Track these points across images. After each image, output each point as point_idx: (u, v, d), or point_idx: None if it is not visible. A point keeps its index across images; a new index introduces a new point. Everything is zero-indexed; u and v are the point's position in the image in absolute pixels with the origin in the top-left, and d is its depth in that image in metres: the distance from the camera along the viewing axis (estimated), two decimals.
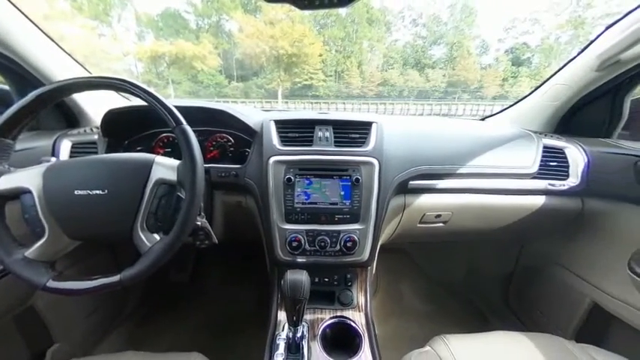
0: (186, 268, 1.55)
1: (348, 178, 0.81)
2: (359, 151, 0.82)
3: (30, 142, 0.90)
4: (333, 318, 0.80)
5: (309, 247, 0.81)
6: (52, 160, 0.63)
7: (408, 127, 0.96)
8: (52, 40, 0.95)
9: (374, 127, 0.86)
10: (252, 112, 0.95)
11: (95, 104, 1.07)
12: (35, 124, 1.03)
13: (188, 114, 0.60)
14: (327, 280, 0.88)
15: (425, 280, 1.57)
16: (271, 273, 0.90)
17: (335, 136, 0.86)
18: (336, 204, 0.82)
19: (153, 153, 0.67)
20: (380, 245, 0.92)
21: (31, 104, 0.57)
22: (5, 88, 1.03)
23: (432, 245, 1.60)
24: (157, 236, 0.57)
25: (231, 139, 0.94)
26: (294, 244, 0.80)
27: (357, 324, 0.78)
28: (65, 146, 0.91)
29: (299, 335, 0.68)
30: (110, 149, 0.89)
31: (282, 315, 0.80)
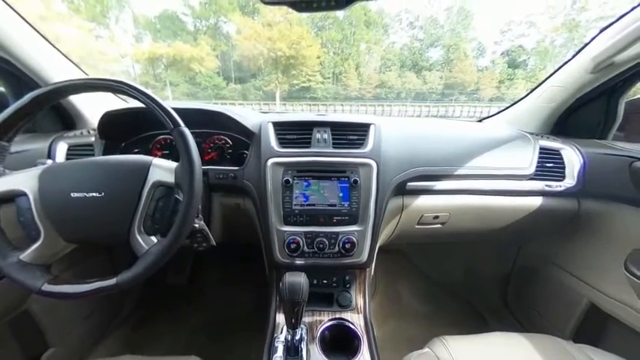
0: (184, 270, 1.53)
1: (346, 179, 0.82)
2: (357, 153, 0.83)
3: (26, 145, 0.89)
4: (331, 320, 0.79)
5: (307, 249, 0.81)
6: (48, 163, 0.63)
7: (405, 129, 0.96)
8: (48, 42, 0.95)
9: (372, 129, 0.87)
10: (250, 114, 0.95)
11: (92, 106, 1.06)
12: (31, 126, 1.02)
13: (186, 116, 0.60)
14: (325, 282, 0.88)
15: (423, 281, 1.57)
16: (269, 275, 0.90)
17: (333, 138, 0.86)
18: (335, 205, 0.82)
19: (150, 155, 0.67)
20: (378, 246, 0.92)
21: (28, 106, 0.57)
22: (0, 90, 1.02)
23: (430, 246, 1.60)
24: (154, 239, 0.57)
25: (229, 141, 0.94)
26: (292, 246, 0.80)
27: (355, 326, 0.78)
28: (61, 148, 0.91)
29: (298, 338, 0.67)
30: (107, 151, 0.89)
31: (280, 317, 0.80)
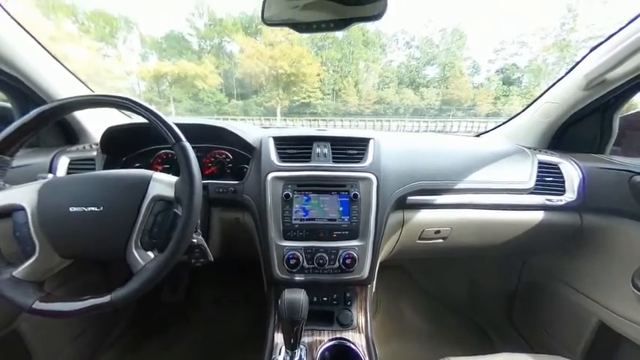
0: (180, 288, 1.50)
1: (346, 193, 0.81)
2: (357, 167, 0.83)
3: (28, 159, 0.89)
4: (332, 340, 0.76)
5: (307, 265, 0.80)
6: (49, 177, 0.63)
7: (405, 144, 0.97)
8: (57, 60, 0.98)
9: (371, 144, 0.88)
10: (251, 129, 0.97)
11: (96, 121, 1.08)
12: (35, 140, 1.04)
13: (188, 131, 0.61)
14: (325, 300, 0.85)
15: (425, 298, 1.53)
16: (268, 292, 0.88)
17: (333, 153, 0.87)
18: (335, 220, 0.81)
19: (151, 169, 0.68)
20: (379, 262, 0.90)
21: (33, 121, 0.58)
22: (7, 105, 1.04)
23: (431, 261, 1.57)
24: (151, 254, 0.56)
25: (230, 155, 0.95)
26: (291, 261, 0.79)
27: (357, 346, 0.75)
28: (63, 163, 0.91)
29: (297, 359, 0.65)
30: (108, 166, 0.89)
31: (278, 337, 0.77)
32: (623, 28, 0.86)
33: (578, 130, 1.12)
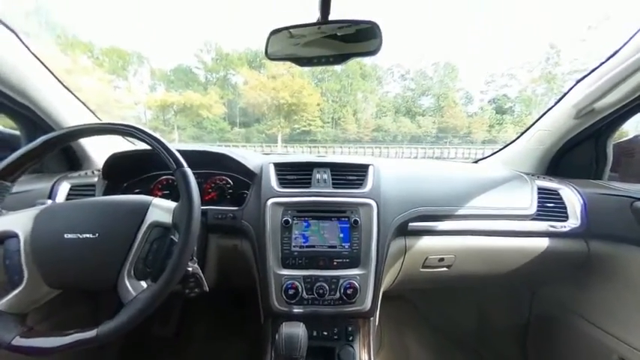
0: (172, 320, 1.41)
1: (346, 219, 0.81)
2: (357, 193, 0.83)
3: (29, 185, 0.90)
4: None
5: (306, 295, 0.76)
6: (48, 203, 0.63)
7: (404, 170, 0.99)
8: (69, 90, 1.03)
9: (371, 170, 0.89)
10: (252, 156, 0.99)
11: (100, 148, 1.10)
12: (38, 166, 1.05)
13: (189, 157, 0.62)
14: (326, 334, 0.80)
15: (431, 332, 1.43)
16: (265, 325, 0.83)
17: (333, 178, 0.88)
18: (335, 247, 0.79)
19: (151, 195, 0.68)
20: (382, 292, 0.86)
21: (38, 148, 0.60)
22: (16, 133, 1.07)
23: (436, 292, 1.50)
24: (143, 284, 0.54)
25: (230, 181, 0.96)
26: (290, 291, 0.75)
27: None
28: (63, 189, 0.92)
29: None
30: (108, 192, 0.90)
31: None
32: (603, 63, 0.92)
33: (573, 157, 1.14)
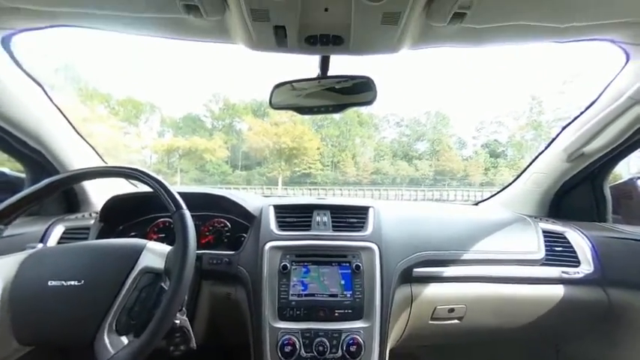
0: None
1: (347, 265, 0.77)
2: (358, 236, 0.81)
3: (23, 228, 0.88)
4: None
5: (304, 354, 0.68)
6: (38, 247, 0.61)
7: (405, 212, 0.98)
8: (81, 136, 1.08)
9: (371, 212, 0.88)
10: (252, 198, 0.99)
11: (101, 190, 1.11)
12: (36, 209, 1.04)
13: (189, 199, 0.62)
14: None
15: None
16: None
17: (333, 221, 0.87)
18: (336, 295, 0.74)
19: (146, 239, 0.66)
20: (389, 350, 0.78)
21: (41, 190, 0.60)
22: (21, 176, 1.09)
23: (447, 348, 1.35)
24: (124, 339, 0.49)
25: (229, 223, 0.95)
26: (287, 348, 0.68)
27: None
28: (57, 232, 0.90)
29: None
30: (103, 235, 0.88)
31: None
32: (583, 112, 1.00)
33: (573, 199, 1.15)
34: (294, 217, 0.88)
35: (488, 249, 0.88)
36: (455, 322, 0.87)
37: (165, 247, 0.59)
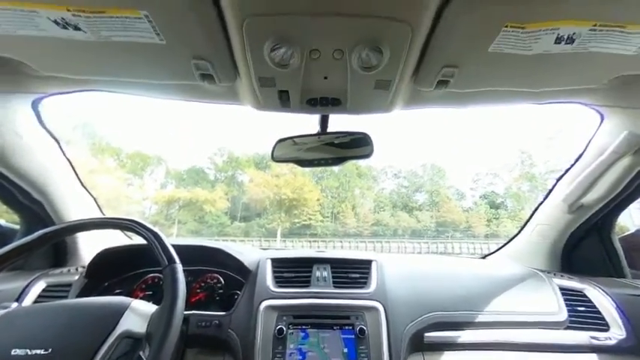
0: None
1: (350, 328, 0.69)
2: (360, 294, 0.75)
3: (2, 284, 0.82)
4: None
5: None
6: (11, 307, 0.56)
7: (409, 266, 0.93)
8: (85, 188, 1.10)
9: (374, 266, 0.84)
10: (249, 251, 0.96)
11: (94, 242, 1.07)
12: (20, 262, 0.99)
13: (184, 252, 0.60)
14: None
15: None
16: None
17: (333, 276, 0.81)
18: None
19: (132, 296, 0.61)
20: None
21: (33, 242, 0.58)
22: (15, 227, 1.07)
23: None
24: None
25: (222, 280, 0.89)
26: None
27: None
28: (36, 289, 0.84)
29: None
30: (85, 292, 0.81)
31: None
32: (573, 164, 1.04)
33: (583, 252, 1.10)
34: (292, 271, 0.82)
35: (504, 309, 0.80)
36: None
37: (151, 307, 0.54)
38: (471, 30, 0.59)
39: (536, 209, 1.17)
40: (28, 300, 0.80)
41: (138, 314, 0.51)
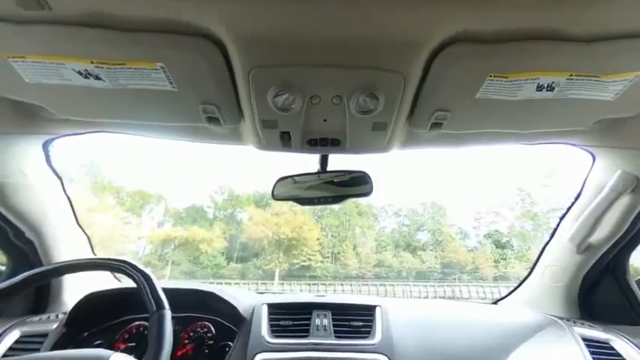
0: None
1: None
2: (364, 345, 0.69)
3: None
4: None
5: None
6: None
7: (417, 313, 0.87)
8: (81, 228, 1.08)
9: (378, 312, 0.78)
10: (244, 295, 0.90)
11: (79, 284, 1.01)
12: None
13: (174, 297, 0.56)
14: None
15: None
16: None
17: (334, 325, 0.75)
18: None
19: (113, 349, 0.55)
20: None
21: (15, 286, 0.55)
22: (0, 269, 1.02)
23: None
24: None
25: (213, 329, 0.82)
26: None
27: None
28: (8, 340, 0.76)
29: None
30: (61, 344, 0.74)
31: None
32: (574, 202, 1.04)
33: (601, 296, 1.04)
34: (290, 319, 0.76)
35: None
36: None
37: None
38: (459, 79, 0.65)
39: (544, 249, 1.14)
40: None
41: None
